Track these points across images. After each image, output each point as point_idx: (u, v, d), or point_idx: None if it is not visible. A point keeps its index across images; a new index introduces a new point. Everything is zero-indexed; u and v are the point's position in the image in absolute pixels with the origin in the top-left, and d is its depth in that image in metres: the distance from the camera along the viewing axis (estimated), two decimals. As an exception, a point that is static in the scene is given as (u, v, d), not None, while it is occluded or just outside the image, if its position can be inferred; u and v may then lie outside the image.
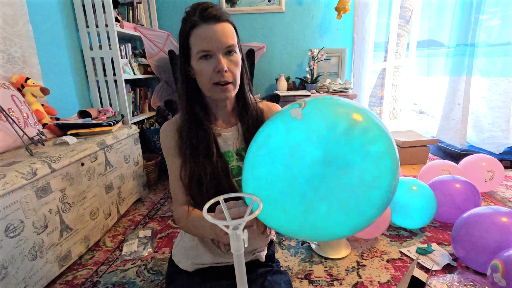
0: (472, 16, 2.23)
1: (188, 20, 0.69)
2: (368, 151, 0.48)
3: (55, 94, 1.70)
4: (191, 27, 0.68)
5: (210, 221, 0.43)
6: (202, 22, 0.66)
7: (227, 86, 0.70)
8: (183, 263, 0.83)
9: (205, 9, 0.67)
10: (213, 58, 0.68)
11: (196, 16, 0.67)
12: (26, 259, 0.99)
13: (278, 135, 0.53)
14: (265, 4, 2.74)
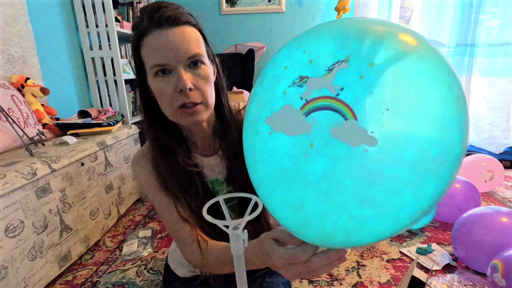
0: (472, 16, 2.23)
1: (136, 27, 0.54)
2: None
3: (55, 94, 1.70)
4: (140, 36, 0.53)
5: (210, 221, 0.43)
6: (153, 28, 0.51)
7: (195, 109, 0.54)
8: (180, 270, 0.81)
9: (156, 11, 0.51)
10: (172, 74, 0.53)
11: (145, 21, 0.52)
12: (26, 259, 0.99)
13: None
14: (265, 4, 2.74)
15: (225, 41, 2.83)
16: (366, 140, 0.26)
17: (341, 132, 0.27)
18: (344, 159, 0.27)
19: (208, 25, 2.80)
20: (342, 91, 0.27)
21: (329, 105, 0.27)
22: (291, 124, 0.30)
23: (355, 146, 0.26)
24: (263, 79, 0.35)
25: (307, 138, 0.29)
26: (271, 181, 0.33)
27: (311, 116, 0.28)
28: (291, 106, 0.29)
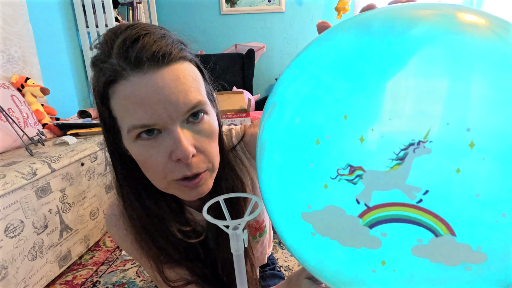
0: (472, 16, 2.23)
1: (101, 67, 0.36)
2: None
3: (55, 94, 1.70)
4: (108, 82, 0.35)
5: (210, 221, 0.43)
6: (129, 71, 0.34)
7: (199, 179, 0.40)
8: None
9: (133, 43, 0.34)
10: (163, 134, 0.37)
11: (116, 58, 0.34)
12: (26, 259, 0.99)
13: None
14: (265, 4, 2.74)
15: (225, 41, 2.84)
16: (470, 257, 0.18)
17: (430, 251, 0.18)
18: (434, 282, 0.19)
19: (208, 25, 2.80)
20: (426, 196, 0.17)
21: (408, 217, 0.18)
22: (346, 234, 0.20)
23: (453, 266, 0.18)
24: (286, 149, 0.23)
25: (376, 254, 0.20)
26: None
27: (377, 228, 0.19)
28: (343, 211, 0.19)
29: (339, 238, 0.20)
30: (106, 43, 0.36)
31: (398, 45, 0.19)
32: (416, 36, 0.19)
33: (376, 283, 0.20)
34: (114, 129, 0.40)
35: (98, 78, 0.37)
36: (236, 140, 0.54)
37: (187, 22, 2.79)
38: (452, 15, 0.20)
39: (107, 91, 0.36)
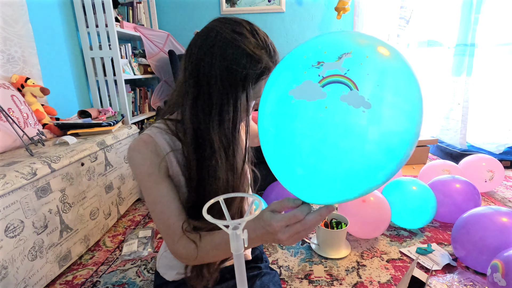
0: (472, 16, 2.23)
1: (262, 58, 0.58)
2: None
3: (55, 94, 1.70)
4: (267, 71, 0.59)
5: (210, 221, 0.43)
6: (272, 68, 0.60)
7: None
8: (169, 274, 0.79)
9: (275, 52, 0.61)
10: (257, 100, 0.63)
11: (272, 60, 0.60)
12: (26, 259, 0.99)
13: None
14: (265, 4, 2.74)
15: (225, 41, 2.83)
16: (364, 104, 0.37)
17: (348, 98, 0.37)
18: (348, 117, 0.37)
19: (208, 25, 2.80)
20: (348, 72, 0.38)
21: (340, 80, 0.38)
22: (311, 93, 0.39)
23: (356, 108, 0.37)
24: (284, 64, 0.46)
25: (323, 102, 0.38)
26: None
27: (326, 87, 0.38)
28: (311, 81, 0.39)
29: (307, 96, 0.39)
30: (270, 49, 0.60)
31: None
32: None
33: (320, 119, 0.39)
34: (237, 98, 0.59)
35: (259, 65, 0.58)
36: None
37: (187, 22, 2.79)
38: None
39: (263, 76, 0.60)
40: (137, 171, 0.62)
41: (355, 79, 0.37)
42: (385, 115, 0.37)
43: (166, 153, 0.62)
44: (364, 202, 1.28)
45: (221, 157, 0.60)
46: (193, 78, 0.59)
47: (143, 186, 0.62)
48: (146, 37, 2.47)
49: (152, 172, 0.61)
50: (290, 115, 0.41)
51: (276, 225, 0.47)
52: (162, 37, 2.58)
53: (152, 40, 2.52)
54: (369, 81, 0.37)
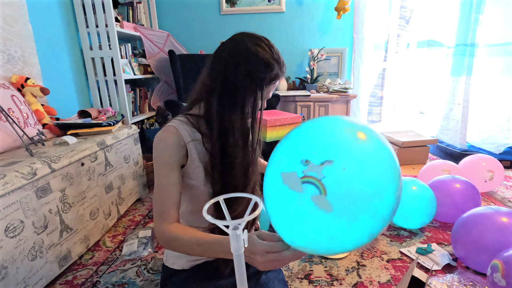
0: (472, 16, 2.23)
1: (275, 68, 0.72)
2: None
3: (55, 94, 1.70)
4: (277, 77, 0.74)
5: (210, 221, 0.43)
6: (282, 76, 0.75)
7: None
8: (179, 263, 0.82)
9: (284, 65, 0.75)
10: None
11: (281, 70, 0.74)
12: (26, 259, 0.99)
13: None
14: (265, 4, 2.74)
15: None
16: (327, 207, 0.45)
17: (316, 199, 0.45)
18: (313, 213, 0.46)
19: (208, 25, 2.80)
20: (323, 178, 0.44)
21: (315, 183, 0.45)
22: (293, 184, 0.47)
23: (320, 209, 0.45)
24: (290, 143, 0.53)
25: (299, 195, 0.46)
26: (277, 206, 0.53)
27: (304, 184, 0.46)
28: (296, 173, 0.47)
29: (289, 184, 0.48)
30: (279, 60, 0.73)
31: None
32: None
33: (297, 207, 0.47)
34: (256, 97, 0.72)
35: (271, 72, 0.71)
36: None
37: (187, 22, 2.79)
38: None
39: (272, 81, 0.74)
40: (158, 156, 0.73)
41: (327, 185, 0.44)
42: (345, 218, 0.45)
43: (187, 142, 0.73)
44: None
45: (239, 143, 0.73)
46: (220, 78, 0.71)
47: (158, 169, 0.73)
48: (146, 37, 2.47)
49: (170, 161, 0.72)
50: (278, 190, 0.50)
51: (259, 248, 0.56)
52: (162, 37, 2.58)
53: (152, 40, 2.52)
54: (338, 189, 0.44)
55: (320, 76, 2.84)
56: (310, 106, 2.56)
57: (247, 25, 2.81)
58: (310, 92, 2.63)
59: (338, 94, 2.57)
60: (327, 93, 2.63)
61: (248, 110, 0.73)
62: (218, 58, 0.73)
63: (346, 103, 2.66)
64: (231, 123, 0.72)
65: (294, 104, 2.58)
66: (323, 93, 2.66)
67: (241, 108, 0.72)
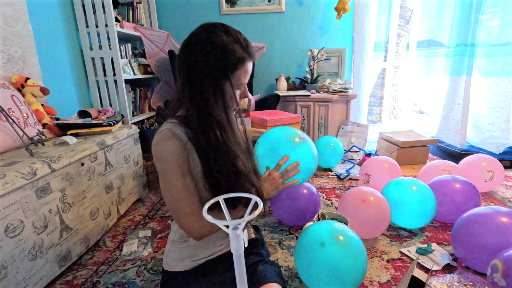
0: (472, 16, 2.23)
1: (238, 52, 0.70)
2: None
3: (55, 94, 1.70)
4: (241, 61, 0.71)
5: (210, 221, 0.43)
6: (249, 59, 0.72)
7: (237, 114, 0.80)
8: (180, 265, 0.83)
9: (248, 45, 0.72)
10: (242, 87, 0.76)
11: (245, 52, 0.71)
12: (26, 259, 0.99)
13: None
14: (265, 4, 2.74)
15: (225, 41, 2.83)
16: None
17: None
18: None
19: (208, 25, 2.80)
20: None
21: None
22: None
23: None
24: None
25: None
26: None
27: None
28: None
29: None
30: (241, 42, 0.71)
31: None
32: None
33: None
34: (226, 77, 0.70)
35: (234, 57, 0.69)
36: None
37: (187, 22, 2.79)
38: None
39: (238, 65, 0.70)
40: (166, 165, 0.70)
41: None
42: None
43: (186, 142, 0.71)
44: (364, 202, 1.28)
45: (226, 128, 0.72)
46: (185, 77, 0.71)
47: (169, 177, 0.71)
48: (146, 37, 2.47)
49: (180, 164, 0.70)
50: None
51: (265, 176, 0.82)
52: (162, 37, 2.58)
53: (152, 40, 2.52)
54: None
55: (320, 76, 2.84)
56: (310, 106, 2.56)
57: (247, 25, 2.81)
58: (310, 92, 2.63)
59: (338, 94, 2.57)
60: (327, 93, 2.63)
61: (219, 100, 0.71)
62: (179, 56, 0.73)
63: (346, 103, 2.66)
64: (209, 113, 0.71)
65: (294, 104, 2.58)
66: (323, 93, 2.66)
67: (214, 100, 0.70)
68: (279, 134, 1.04)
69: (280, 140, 1.01)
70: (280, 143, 1.00)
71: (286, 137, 1.02)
